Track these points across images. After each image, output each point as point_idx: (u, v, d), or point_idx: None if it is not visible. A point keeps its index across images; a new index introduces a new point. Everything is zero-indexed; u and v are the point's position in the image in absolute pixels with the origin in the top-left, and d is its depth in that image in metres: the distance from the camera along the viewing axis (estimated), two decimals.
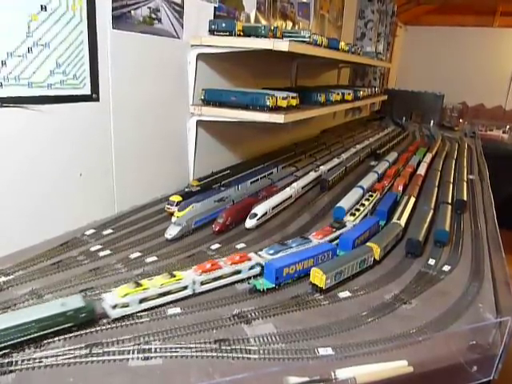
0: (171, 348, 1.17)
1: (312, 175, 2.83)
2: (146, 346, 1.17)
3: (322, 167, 3.03)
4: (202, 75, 2.49)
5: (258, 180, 2.69)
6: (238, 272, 1.53)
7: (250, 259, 1.58)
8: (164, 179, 2.42)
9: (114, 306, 1.27)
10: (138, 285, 1.33)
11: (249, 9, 2.89)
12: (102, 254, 1.70)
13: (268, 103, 2.23)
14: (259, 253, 1.65)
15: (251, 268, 1.56)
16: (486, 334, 1.31)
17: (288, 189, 2.48)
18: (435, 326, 1.35)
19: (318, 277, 1.49)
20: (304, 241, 1.76)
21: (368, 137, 4.62)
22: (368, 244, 1.76)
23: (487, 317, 1.42)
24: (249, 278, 1.55)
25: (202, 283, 1.44)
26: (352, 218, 2.08)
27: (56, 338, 1.17)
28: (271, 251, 1.65)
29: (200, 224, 2.00)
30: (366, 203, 2.27)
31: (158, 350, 1.16)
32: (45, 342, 1.16)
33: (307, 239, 1.79)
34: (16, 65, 1.52)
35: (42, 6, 1.56)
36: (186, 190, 2.36)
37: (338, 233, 1.89)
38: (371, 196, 2.40)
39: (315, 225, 2.18)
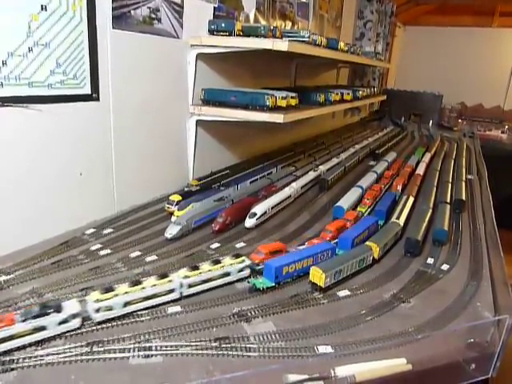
0: (171, 346, 1.18)
1: (311, 175, 2.84)
2: (147, 344, 1.18)
3: (321, 167, 3.04)
4: (202, 75, 2.50)
5: (257, 180, 2.70)
6: None
7: None
8: (164, 179, 2.43)
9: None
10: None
11: (248, 9, 2.89)
12: (102, 253, 1.70)
13: (267, 103, 2.24)
14: None
15: None
16: (484, 332, 1.32)
17: (287, 188, 2.49)
18: (434, 324, 1.36)
19: (317, 276, 1.50)
20: None
21: (367, 137, 4.63)
22: (367, 243, 1.77)
23: (485, 315, 1.43)
24: None
25: None
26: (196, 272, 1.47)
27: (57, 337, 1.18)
28: None
29: (200, 223, 2.01)
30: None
31: (158, 347, 1.17)
32: (46, 340, 1.16)
33: None
34: (16, 64, 1.52)
35: (42, 6, 1.56)
36: (186, 189, 2.37)
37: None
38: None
39: (314, 224, 2.19)
